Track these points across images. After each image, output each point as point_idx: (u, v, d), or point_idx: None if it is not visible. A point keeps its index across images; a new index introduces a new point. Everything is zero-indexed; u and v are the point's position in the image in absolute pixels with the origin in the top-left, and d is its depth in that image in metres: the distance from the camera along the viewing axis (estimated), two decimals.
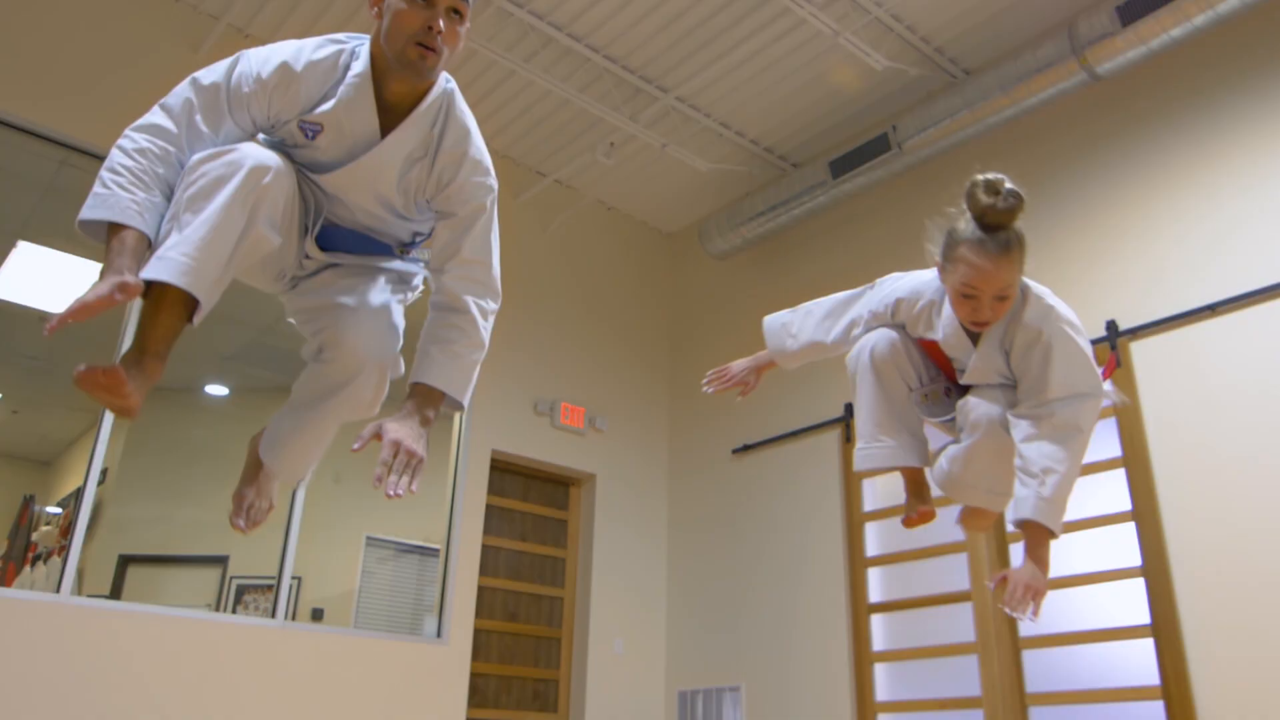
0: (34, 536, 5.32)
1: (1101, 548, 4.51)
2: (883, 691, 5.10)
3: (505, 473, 6.06)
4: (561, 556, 6.19)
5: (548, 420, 6.18)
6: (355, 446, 1.62)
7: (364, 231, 1.91)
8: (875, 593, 5.28)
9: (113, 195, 1.59)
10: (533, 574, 6.02)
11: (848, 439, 5.62)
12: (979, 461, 2.04)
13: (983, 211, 1.89)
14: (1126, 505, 4.41)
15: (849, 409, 5.66)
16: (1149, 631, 4.17)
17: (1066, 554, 4.62)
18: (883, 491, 5.49)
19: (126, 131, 1.69)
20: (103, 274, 1.52)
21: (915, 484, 2.25)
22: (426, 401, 1.78)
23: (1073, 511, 4.85)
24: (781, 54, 5.50)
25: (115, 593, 5.34)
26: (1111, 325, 4.66)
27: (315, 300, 1.89)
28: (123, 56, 4.98)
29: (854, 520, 5.45)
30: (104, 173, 1.63)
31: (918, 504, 2.23)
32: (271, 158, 1.68)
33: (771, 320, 2.45)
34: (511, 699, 5.67)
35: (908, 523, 2.25)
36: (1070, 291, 4.88)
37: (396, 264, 1.97)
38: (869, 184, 5.74)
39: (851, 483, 5.53)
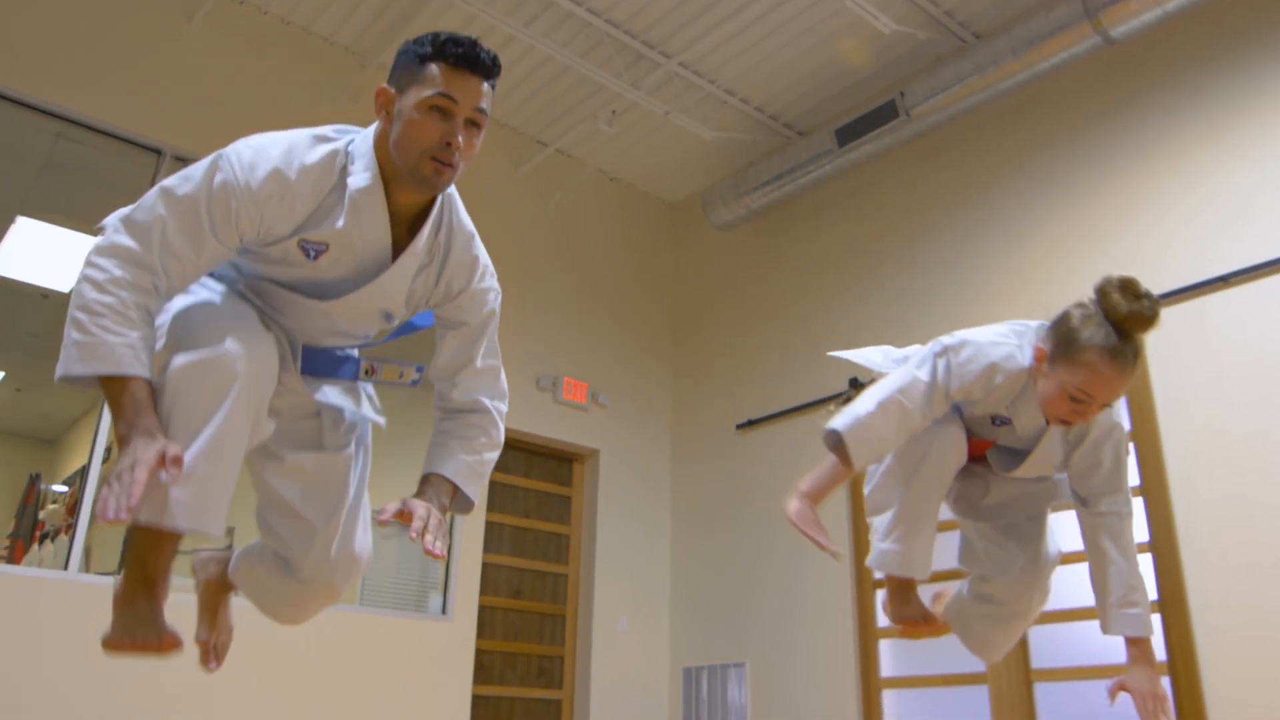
0: (41, 515, 5.34)
1: None
2: (888, 668, 5.09)
3: (508, 449, 5.96)
4: (565, 533, 6.17)
5: (550, 396, 6.14)
6: (381, 519, 1.52)
7: (331, 346, 1.77)
8: None
9: (102, 343, 1.40)
10: (537, 550, 6.01)
11: None
12: (1040, 601, 2.10)
13: (1125, 318, 1.79)
14: (1135, 480, 4.36)
15: (854, 383, 5.59)
16: (1156, 608, 4.12)
17: (1073, 529, 4.59)
18: None
19: (92, 258, 1.47)
20: (129, 436, 1.36)
21: (908, 589, 2.15)
22: (441, 492, 1.67)
23: None
24: (787, 18, 5.38)
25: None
26: None
27: (271, 486, 1.71)
28: (117, 26, 4.90)
29: (859, 496, 5.40)
30: (79, 313, 1.42)
31: (919, 612, 2.13)
32: (261, 340, 1.52)
33: (853, 431, 1.97)
34: (516, 675, 5.69)
35: (913, 632, 2.13)
36: (1078, 263, 4.81)
37: (349, 409, 1.80)
38: (876, 152, 5.63)
39: None
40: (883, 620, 5.12)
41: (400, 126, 1.55)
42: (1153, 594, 4.11)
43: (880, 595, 5.18)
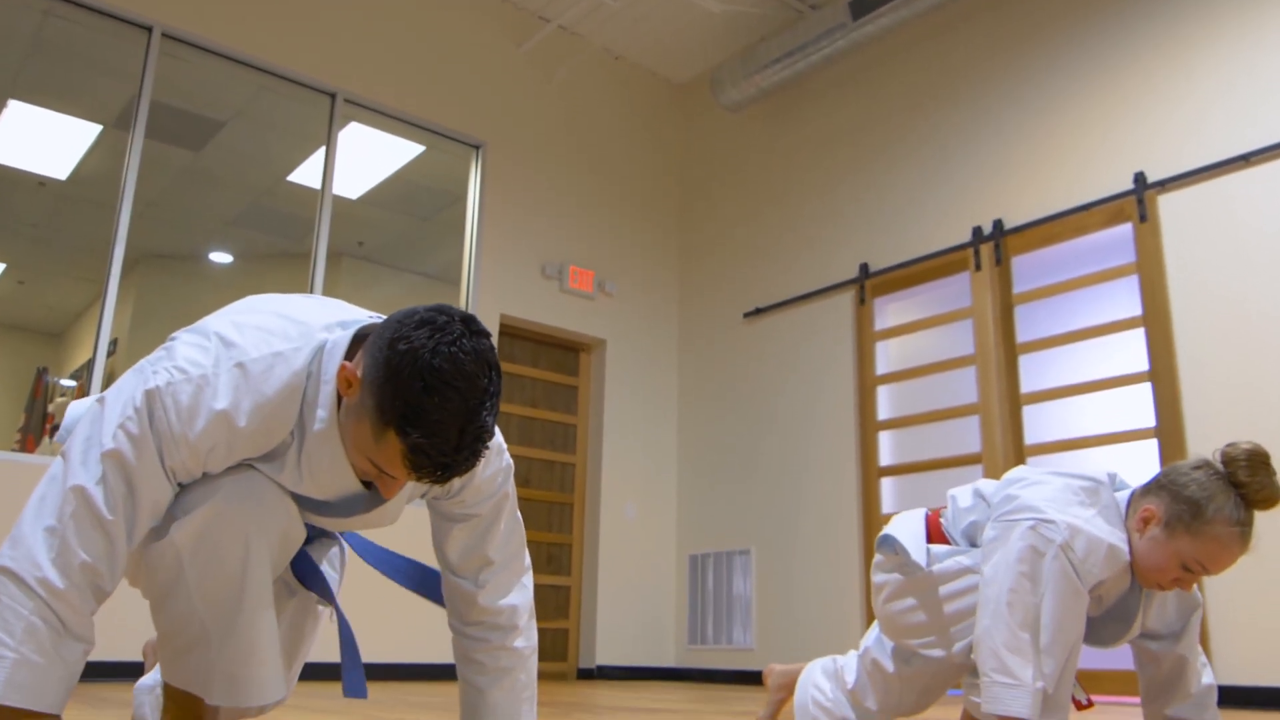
0: (50, 408, 5.39)
1: (1116, 409, 4.43)
2: None
3: (515, 338, 6.01)
4: (573, 423, 6.20)
5: (556, 284, 6.07)
6: None
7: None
8: (886, 456, 5.26)
9: (45, 674, 1.12)
10: (544, 440, 6.05)
11: (861, 300, 5.49)
12: None
13: (1260, 500, 1.66)
14: (1144, 366, 4.30)
15: (863, 269, 5.50)
16: None
17: (1079, 415, 4.56)
18: (896, 355, 5.40)
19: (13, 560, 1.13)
20: None
21: None
22: None
23: (1086, 372, 4.77)
24: None
25: None
26: (1139, 177, 4.42)
27: None
28: None
29: (866, 384, 5.38)
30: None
31: None
32: (261, 489, 1.27)
33: (1033, 708, 1.59)
34: None
35: None
36: (1100, 140, 4.64)
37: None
38: (892, 25, 5.38)
39: (864, 345, 5.44)
40: (887, 507, 5.17)
41: (346, 429, 1.21)
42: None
43: (885, 483, 5.22)
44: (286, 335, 1.25)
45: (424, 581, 1.51)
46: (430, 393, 1.11)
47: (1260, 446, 1.69)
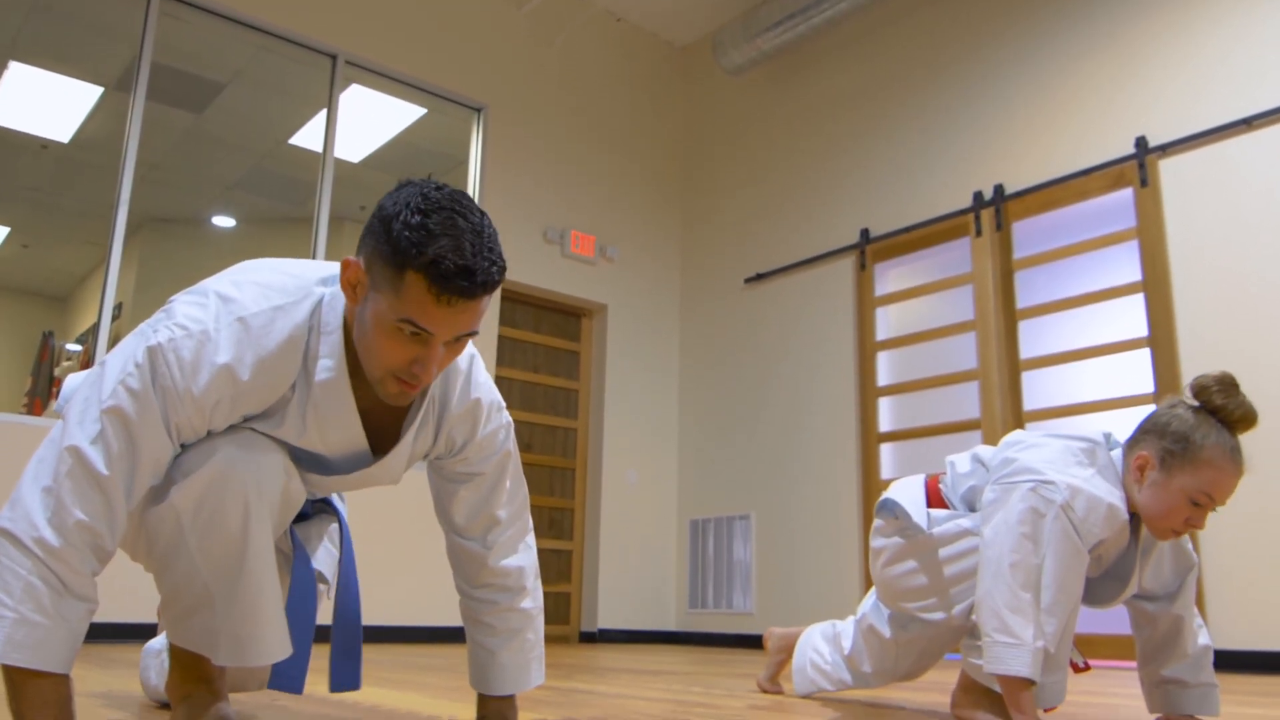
0: (56, 372, 5.43)
1: (1115, 374, 4.45)
2: None
3: (516, 303, 6.03)
4: (574, 388, 6.23)
5: (557, 249, 6.08)
6: None
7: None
8: (885, 422, 5.30)
9: (47, 633, 1.11)
10: (546, 405, 6.09)
11: (862, 266, 5.49)
12: None
13: (1238, 420, 1.68)
14: (1143, 331, 4.31)
15: (864, 234, 5.50)
16: None
17: (1078, 381, 4.58)
18: (896, 320, 5.41)
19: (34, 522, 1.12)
20: None
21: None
22: (504, 708, 1.49)
23: (1086, 338, 4.78)
24: None
25: None
26: (1141, 141, 4.41)
27: None
28: None
29: (866, 349, 5.40)
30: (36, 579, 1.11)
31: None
32: (260, 450, 1.27)
33: (1040, 668, 1.60)
34: None
35: None
36: (1099, 106, 4.62)
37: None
38: None
39: (865, 311, 5.45)
40: (887, 472, 5.21)
41: (365, 328, 1.20)
42: None
43: (884, 449, 5.25)
44: (285, 290, 1.27)
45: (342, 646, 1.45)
46: (430, 214, 1.14)
47: (1227, 372, 1.71)
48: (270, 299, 1.25)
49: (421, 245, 1.13)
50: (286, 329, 1.24)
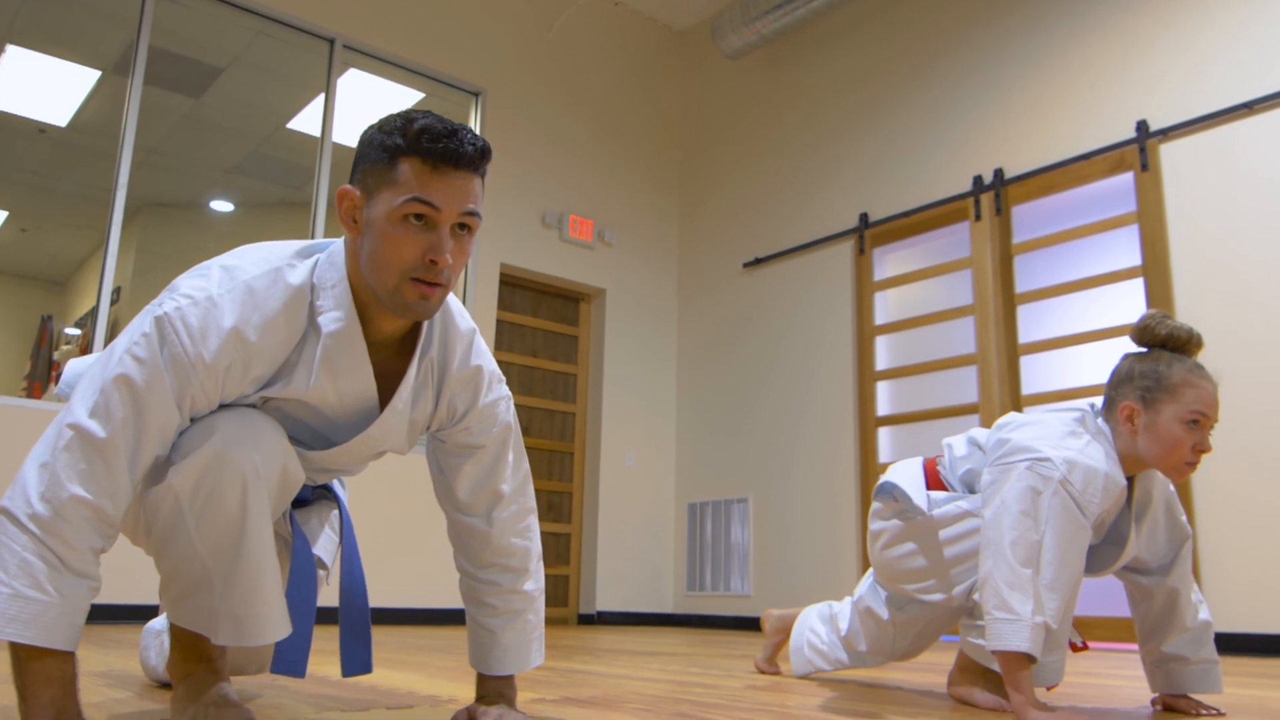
0: (55, 356, 5.43)
1: (1114, 359, 4.44)
2: None
3: (515, 288, 6.03)
4: (573, 372, 6.24)
5: (556, 233, 6.07)
6: None
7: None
8: (884, 406, 5.30)
9: (44, 609, 1.11)
10: (545, 389, 6.10)
11: (860, 250, 5.49)
12: None
13: (1186, 342, 1.76)
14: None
15: (863, 219, 5.49)
16: None
17: (1077, 366, 4.59)
18: (894, 305, 5.41)
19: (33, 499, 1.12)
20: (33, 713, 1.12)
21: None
22: (504, 687, 1.49)
23: (1085, 322, 4.78)
24: None
25: None
26: (1142, 125, 4.40)
27: None
28: None
29: (864, 334, 5.41)
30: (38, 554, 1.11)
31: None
32: (258, 429, 1.27)
33: (1032, 641, 1.57)
34: None
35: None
36: (1100, 90, 4.60)
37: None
38: None
39: (863, 296, 5.45)
40: (885, 456, 5.22)
41: (372, 242, 1.23)
42: None
43: (882, 433, 5.26)
44: (284, 254, 1.31)
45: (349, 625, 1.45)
46: (408, 115, 1.24)
47: (1155, 312, 1.81)
48: (270, 263, 1.28)
49: (405, 130, 1.21)
50: (289, 290, 1.27)
